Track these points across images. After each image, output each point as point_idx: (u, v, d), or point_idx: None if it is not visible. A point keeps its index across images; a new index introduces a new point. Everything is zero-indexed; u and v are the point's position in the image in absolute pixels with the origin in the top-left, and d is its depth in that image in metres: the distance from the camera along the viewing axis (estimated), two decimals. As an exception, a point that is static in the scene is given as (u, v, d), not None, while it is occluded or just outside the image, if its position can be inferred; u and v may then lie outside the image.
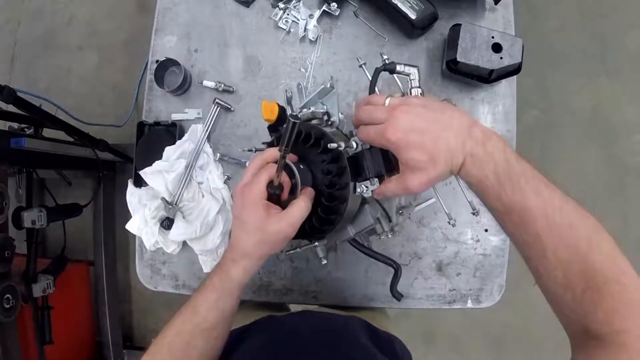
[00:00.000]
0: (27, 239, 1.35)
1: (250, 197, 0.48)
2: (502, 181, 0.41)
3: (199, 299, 0.50)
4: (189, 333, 0.48)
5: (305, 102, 0.61)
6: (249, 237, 0.49)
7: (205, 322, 0.49)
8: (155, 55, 0.87)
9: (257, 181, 0.49)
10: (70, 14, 1.96)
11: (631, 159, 1.75)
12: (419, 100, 0.46)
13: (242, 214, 0.49)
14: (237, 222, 0.51)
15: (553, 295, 0.42)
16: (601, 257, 0.39)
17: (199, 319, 0.49)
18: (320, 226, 0.52)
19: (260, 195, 0.48)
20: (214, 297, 0.49)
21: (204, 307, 0.49)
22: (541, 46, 1.78)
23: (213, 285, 0.49)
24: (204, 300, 0.49)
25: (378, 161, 0.51)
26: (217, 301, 0.49)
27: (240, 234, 0.50)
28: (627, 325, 0.37)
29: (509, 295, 0.81)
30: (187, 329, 0.49)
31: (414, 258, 0.81)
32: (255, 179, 0.49)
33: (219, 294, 0.49)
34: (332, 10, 0.83)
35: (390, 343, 0.67)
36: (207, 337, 0.49)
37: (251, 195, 0.48)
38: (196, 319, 0.49)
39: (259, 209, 0.48)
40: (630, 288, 0.38)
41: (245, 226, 0.49)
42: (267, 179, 0.49)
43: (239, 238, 0.50)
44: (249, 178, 0.50)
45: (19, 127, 1.34)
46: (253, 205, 0.48)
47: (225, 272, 0.50)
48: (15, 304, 1.18)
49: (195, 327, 0.49)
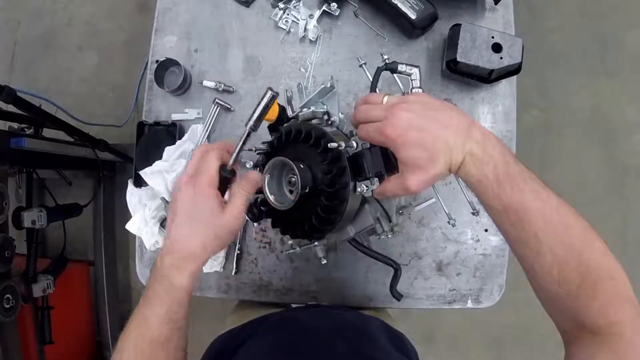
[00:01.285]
0: (27, 239, 1.36)
1: (202, 186, 0.45)
2: (501, 181, 0.42)
3: (147, 310, 0.45)
4: (148, 348, 0.45)
5: (306, 102, 0.61)
6: (197, 234, 0.45)
7: (161, 336, 0.45)
8: (155, 55, 0.87)
9: (207, 168, 0.45)
10: (70, 14, 1.96)
11: (631, 159, 1.75)
12: (417, 98, 0.47)
13: (192, 208, 0.45)
14: (181, 219, 0.46)
15: (547, 293, 0.43)
16: (595, 255, 0.41)
17: (153, 334, 0.45)
18: (320, 226, 0.52)
19: (214, 184, 0.46)
20: (163, 310, 0.45)
21: (154, 321, 0.45)
22: (541, 46, 1.78)
23: (159, 297, 0.45)
24: (153, 313, 0.45)
25: (378, 161, 0.51)
26: (168, 314, 0.45)
27: (184, 232, 0.45)
28: (620, 317, 0.40)
29: (509, 295, 0.81)
30: (145, 344, 0.45)
31: (414, 258, 0.81)
32: (205, 165, 0.46)
33: (167, 306, 0.45)
34: (332, 10, 0.83)
35: (404, 342, 0.67)
36: (166, 349, 0.46)
37: (204, 185, 0.45)
38: (150, 334, 0.45)
39: (212, 200, 0.45)
40: (620, 283, 0.41)
41: (194, 222, 0.45)
42: (218, 163, 0.46)
43: (181, 238, 0.45)
44: (194, 169, 0.47)
45: (19, 127, 1.34)
46: (206, 196, 0.44)
47: (169, 281, 0.45)
48: (15, 304, 1.18)
49: (152, 342, 0.45)
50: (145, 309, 0.45)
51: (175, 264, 0.45)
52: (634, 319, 0.40)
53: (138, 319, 0.46)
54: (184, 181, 0.46)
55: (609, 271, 0.41)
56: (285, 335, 0.58)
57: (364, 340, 0.58)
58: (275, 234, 0.82)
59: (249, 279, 0.82)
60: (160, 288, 0.45)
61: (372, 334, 0.60)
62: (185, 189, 0.46)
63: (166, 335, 0.45)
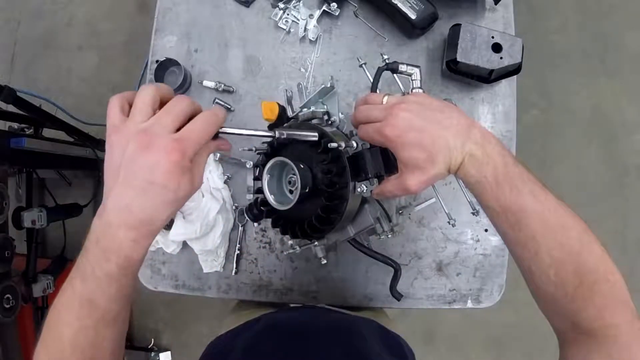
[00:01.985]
0: (27, 239, 1.36)
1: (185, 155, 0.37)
2: (500, 182, 0.42)
3: (94, 292, 0.38)
4: (92, 328, 0.39)
5: (306, 102, 0.61)
6: (156, 197, 0.37)
7: (109, 314, 0.40)
8: (155, 55, 0.87)
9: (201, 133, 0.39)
10: (70, 14, 1.96)
11: (631, 159, 1.75)
12: (417, 98, 0.47)
13: (153, 174, 0.36)
14: (138, 183, 0.36)
15: (544, 293, 0.43)
16: (592, 257, 0.41)
17: (100, 313, 0.39)
18: (320, 226, 0.52)
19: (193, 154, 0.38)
20: (114, 288, 0.39)
21: (103, 300, 0.39)
22: (541, 46, 1.78)
23: (110, 276, 0.38)
24: (102, 293, 0.38)
25: (378, 161, 0.51)
26: (119, 291, 0.39)
27: (139, 194, 0.36)
28: (616, 320, 0.40)
29: (509, 295, 0.81)
30: (89, 324, 0.39)
31: (414, 258, 0.81)
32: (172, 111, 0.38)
33: (120, 284, 0.39)
34: (332, 10, 0.83)
35: (400, 344, 0.67)
36: (113, 325, 0.41)
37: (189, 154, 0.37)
38: (97, 314, 0.39)
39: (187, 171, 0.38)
40: (617, 285, 0.41)
41: (156, 189, 0.36)
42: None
43: (135, 202, 0.36)
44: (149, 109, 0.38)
45: (19, 127, 1.34)
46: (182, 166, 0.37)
47: (125, 255, 0.38)
48: (15, 304, 1.18)
49: (99, 322, 0.40)
50: (92, 291, 0.38)
51: (133, 238, 0.37)
52: (630, 322, 0.40)
53: (76, 302, 0.39)
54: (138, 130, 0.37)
55: (606, 274, 0.41)
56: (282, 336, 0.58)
57: (355, 341, 0.58)
58: (275, 234, 0.82)
59: (249, 279, 0.82)
60: (112, 265, 0.38)
61: (365, 336, 0.60)
62: (138, 139, 0.36)
63: (115, 310, 0.40)
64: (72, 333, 0.39)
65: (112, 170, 0.38)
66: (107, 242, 0.38)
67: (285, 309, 0.77)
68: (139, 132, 0.37)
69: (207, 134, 0.40)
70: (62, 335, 0.39)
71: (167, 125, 0.37)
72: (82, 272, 0.39)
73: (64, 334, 0.39)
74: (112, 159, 0.38)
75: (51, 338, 0.40)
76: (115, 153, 0.38)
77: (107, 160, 0.39)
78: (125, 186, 0.37)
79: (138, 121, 0.38)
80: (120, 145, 0.37)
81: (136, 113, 0.38)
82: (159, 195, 0.37)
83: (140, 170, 0.36)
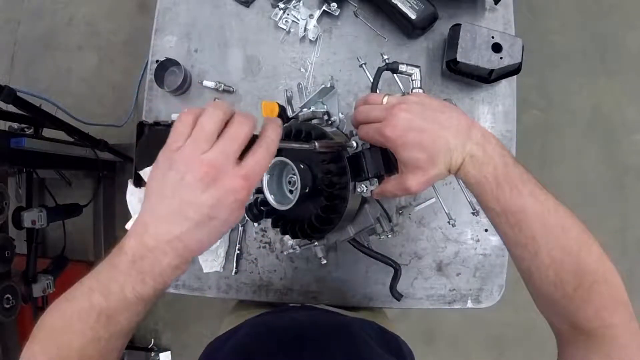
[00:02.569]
0: (27, 239, 1.36)
1: (245, 192, 0.36)
2: (501, 183, 0.42)
3: (117, 309, 0.37)
4: (106, 340, 0.38)
5: (306, 102, 0.61)
6: (213, 230, 0.36)
7: (127, 328, 0.39)
8: (155, 55, 0.87)
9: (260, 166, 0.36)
10: (70, 14, 1.96)
11: (631, 159, 1.75)
12: (417, 99, 0.47)
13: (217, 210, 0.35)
14: (193, 210, 0.35)
15: (543, 294, 0.43)
16: (591, 257, 0.41)
17: (118, 328, 0.38)
18: (320, 226, 0.52)
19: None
20: (141, 307, 0.38)
21: (125, 318, 0.37)
22: (541, 46, 1.78)
23: (142, 298, 0.37)
24: (127, 311, 0.37)
25: (378, 161, 0.51)
26: (145, 308, 0.38)
27: (196, 227, 0.35)
28: (615, 321, 0.40)
29: (509, 295, 0.81)
30: (104, 336, 0.37)
31: (414, 258, 0.81)
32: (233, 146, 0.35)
33: (146, 304, 0.38)
34: (332, 10, 0.83)
35: (399, 345, 0.67)
36: (126, 336, 0.40)
37: (248, 191, 0.36)
38: (115, 328, 0.38)
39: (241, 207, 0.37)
40: (616, 286, 0.41)
41: (214, 220, 0.35)
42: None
43: (190, 234, 0.35)
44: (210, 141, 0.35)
45: (19, 127, 1.34)
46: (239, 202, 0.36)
47: (164, 281, 0.37)
48: (15, 304, 1.18)
49: (113, 335, 0.38)
50: (114, 309, 0.37)
51: (177, 264, 0.36)
52: (628, 323, 0.40)
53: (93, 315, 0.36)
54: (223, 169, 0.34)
55: (605, 274, 0.41)
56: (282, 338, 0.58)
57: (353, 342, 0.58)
58: (275, 234, 0.82)
59: (249, 279, 0.82)
60: (146, 288, 0.36)
61: (363, 337, 0.60)
62: (230, 184, 0.34)
63: (132, 326, 0.39)
64: (83, 343, 0.37)
65: (162, 194, 0.35)
66: (146, 265, 0.35)
67: (284, 309, 0.77)
68: (203, 164, 0.34)
69: (268, 164, 0.37)
70: (71, 344, 0.37)
71: (232, 155, 0.35)
72: (106, 288, 0.36)
73: (73, 342, 0.37)
74: (166, 181, 0.35)
75: (55, 344, 0.38)
76: (171, 176, 0.35)
77: (158, 178, 0.36)
78: (180, 217, 0.35)
79: (202, 149, 0.35)
80: (178, 170, 0.35)
81: (201, 139, 0.35)
82: (216, 228, 0.36)
83: (201, 205, 0.34)
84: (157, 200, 0.36)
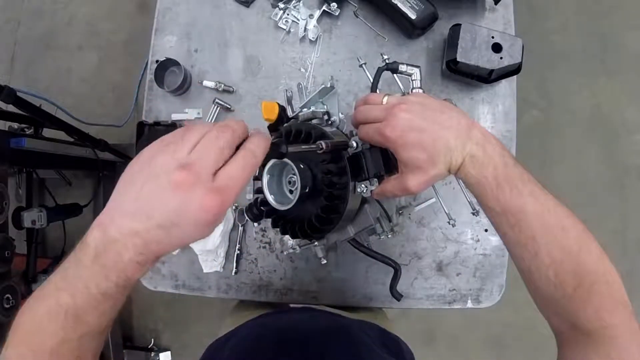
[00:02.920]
0: (27, 239, 1.36)
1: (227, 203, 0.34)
2: (501, 183, 0.42)
3: (84, 308, 0.35)
4: (77, 340, 0.36)
5: (306, 102, 0.61)
6: (174, 237, 0.34)
7: (97, 328, 0.37)
8: (155, 55, 0.87)
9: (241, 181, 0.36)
10: (70, 14, 1.96)
11: (631, 159, 1.75)
12: (417, 99, 0.47)
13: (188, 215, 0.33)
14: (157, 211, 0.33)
15: (543, 294, 0.43)
16: (591, 258, 0.41)
17: (87, 328, 0.36)
18: (320, 226, 0.52)
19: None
20: (108, 305, 0.36)
21: (93, 317, 0.36)
22: (541, 46, 1.78)
23: (106, 295, 0.35)
24: (94, 310, 0.36)
25: (378, 161, 0.51)
26: (113, 307, 0.37)
27: (157, 229, 0.33)
28: (614, 321, 0.40)
29: (509, 295, 0.81)
30: (73, 337, 0.36)
31: (414, 258, 0.81)
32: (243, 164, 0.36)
33: (115, 301, 0.36)
34: (332, 10, 0.83)
35: (399, 346, 0.67)
36: (99, 337, 0.39)
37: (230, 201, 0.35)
38: (84, 329, 0.36)
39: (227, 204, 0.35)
40: (615, 286, 0.41)
41: (176, 228, 0.34)
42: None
43: (151, 234, 0.33)
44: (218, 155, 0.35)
45: (19, 127, 1.34)
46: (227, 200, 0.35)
47: (127, 277, 0.35)
48: (15, 304, 1.18)
49: (84, 335, 0.36)
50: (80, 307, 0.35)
51: (139, 261, 0.35)
52: (627, 323, 0.40)
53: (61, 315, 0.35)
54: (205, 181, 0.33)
55: (605, 274, 0.41)
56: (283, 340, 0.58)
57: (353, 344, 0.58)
58: (275, 234, 0.82)
59: (249, 279, 0.82)
60: (109, 284, 0.35)
61: (363, 339, 0.60)
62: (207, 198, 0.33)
63: (104, 325, 0.38)
64: (55, 344, 0.36)
65: (134, 185, 0.34)
66: (108, 260, 0.34)
67: (284, 311, 0.77)
68: (178, 166, 0.33)
69: (249, 177, 0.36)
70: (44, 345, 0.36)
71: (210, 165, 0.34)
72: (71, 286, 0.35)
73: (46, 343, 0.36)
74: (142, 173, 0.34)
75: (29, 347, 0.36)
76: (146, 172, 0.34)
77: (135, 170, 0.35)
78: (144, 214, 0.33)
79: (184, 151, 0.34)
80: (155, 166, 0.34)
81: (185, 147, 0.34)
82: (177, 236, 0.34)
83: (166, 210, 0.33)
84: (125, 186, 0.35)
